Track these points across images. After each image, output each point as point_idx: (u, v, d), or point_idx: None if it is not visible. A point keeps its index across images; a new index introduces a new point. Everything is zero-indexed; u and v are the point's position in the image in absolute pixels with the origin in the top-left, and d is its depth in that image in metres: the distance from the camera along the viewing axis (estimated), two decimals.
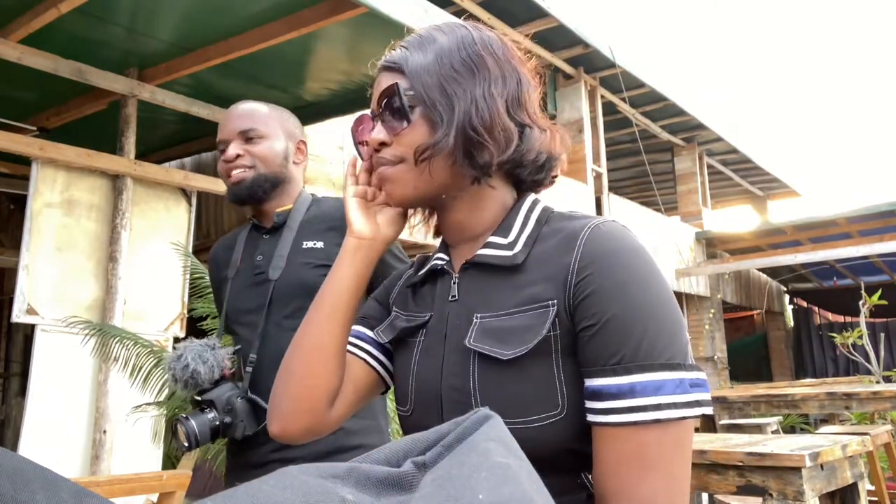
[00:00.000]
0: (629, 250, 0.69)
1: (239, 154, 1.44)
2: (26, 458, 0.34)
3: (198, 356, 1.36)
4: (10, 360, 7.23)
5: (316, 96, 4.10)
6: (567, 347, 0.69)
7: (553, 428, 0.68)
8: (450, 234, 0.84)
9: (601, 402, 0.65)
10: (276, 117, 1.51)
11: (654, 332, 0.65)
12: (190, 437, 1.30)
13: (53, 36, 3.38)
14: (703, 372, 0.67)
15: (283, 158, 1.48)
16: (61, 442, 3.52)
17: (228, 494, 0.37)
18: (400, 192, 0.78)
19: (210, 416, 1.33)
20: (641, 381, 0.64)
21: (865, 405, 4.32)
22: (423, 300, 0.85)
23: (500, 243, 0.77)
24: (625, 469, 0.64)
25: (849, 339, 6.34)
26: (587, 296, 0.68)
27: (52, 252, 3.63)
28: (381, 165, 0.78)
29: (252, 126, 1.46)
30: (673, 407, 0.63)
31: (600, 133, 8.32)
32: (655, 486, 0.63)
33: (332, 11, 3.08)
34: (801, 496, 1.88)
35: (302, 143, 1.55)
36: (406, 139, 0.76)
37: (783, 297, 13.29)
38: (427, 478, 0.41)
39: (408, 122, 0.76)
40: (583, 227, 0.72)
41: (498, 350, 0.70)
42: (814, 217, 9.62)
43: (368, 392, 0.89)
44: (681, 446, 0.65)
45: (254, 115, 1.48)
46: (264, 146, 1.45)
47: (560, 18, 6.86)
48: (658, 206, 10.41)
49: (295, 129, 1.54)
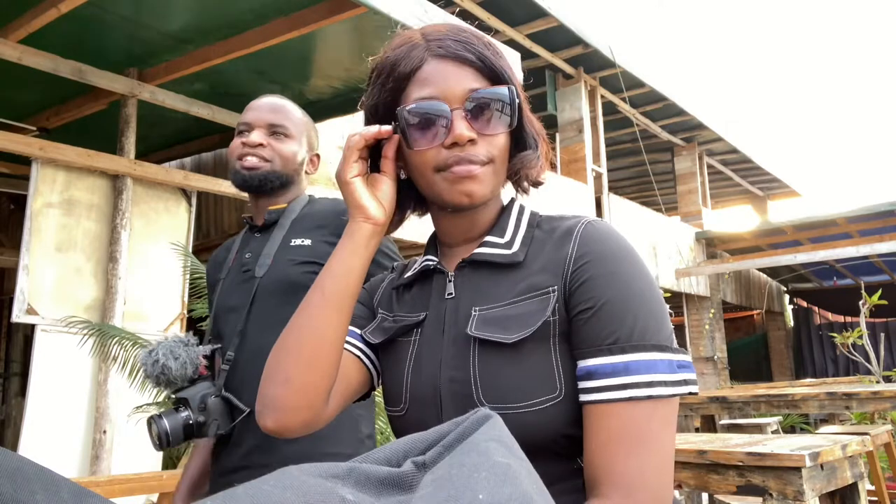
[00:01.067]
0: (620, 244, 0.75)
1: (262, 144, 1.46)
2: (26, 458, 0.34)
3: (169, 352, 1.33)
4: (10, 360, 7.23)
5: (317, 96, 4.10)
6: (563, 333, 0.73)
7: (552, 411, 0.71)
8: (453, 236, 0.85)
9: (596, 381, 0.69)
10: (304, 124, 1.55)
11: (646, 316, 0.70)
12: (161, 436, 1.26)
13: (53, 36, 3.38)
14: (688, 355, 0.72)
15: (299, 164, 1.51)
16: (61, 442, 3.52)
17: (228, 494, 0.37)
18: (481, 191, 0.77)
19: (184, 415, 1.29)
20: (635, 360, 0.68)
21: (865, 405, 4.32)
22: (413, 301, 0.86)
23: (497, 242, 0.80)
24: (615, 446, 0.66)
25: (849, 339, 6.34)
26: (584, 282, 0.72)
27: (52, 252, 3.63)
28: (467, 162, 0.76)
29: (283, 123, 1.49)
30: (664, 385, 0.68)
31: (600, 133, 8.32)
32: (645, 461, 0.66)
33: (332, 11, 3.08)
34: (801, 496, 1.88)
35: (316, 157, 1.59)
36: (500, 142, 0.78)
37: (783, 297, 13.30)
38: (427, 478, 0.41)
39: (510, 128, 0.78)
40: (577, 224, 0.77)
41: (500, 335, 0.73)
42: (814, 217, 9.62)
43: (358, 390, 0.88)
44: (669, 423, 0.68)
45: (288, 114, 1.51)
46: (288, 146, 1.48)
47: (560, 18, 6.86)
48: (658, 205, 10.41)
49: (315, 141, 1.59)
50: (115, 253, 3.81)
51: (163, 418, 1.27)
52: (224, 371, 1.36)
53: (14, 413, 6.78)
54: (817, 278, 12.62)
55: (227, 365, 1.36)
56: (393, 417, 0.84)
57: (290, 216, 1.48)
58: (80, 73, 3.69)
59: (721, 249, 10.95)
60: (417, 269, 0.86)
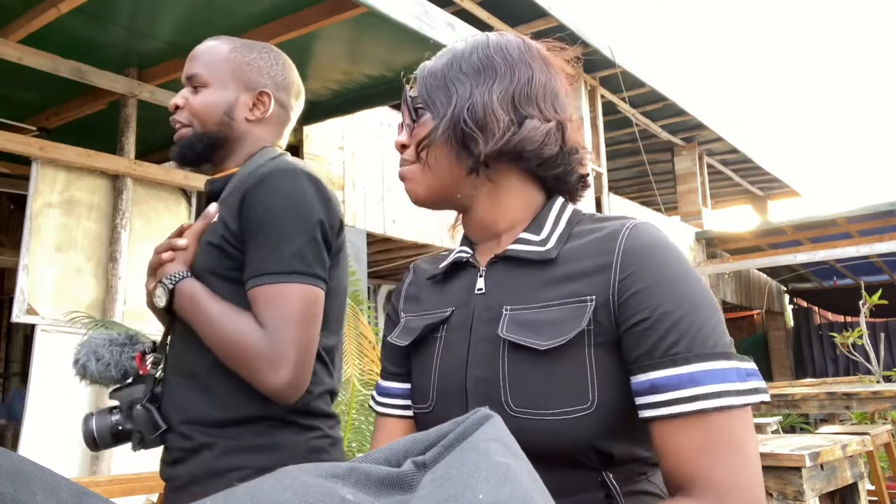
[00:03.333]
0: (669, 247, 0.72)
1: (178, 106, 1.20)
2: (26, 458, 0.34)
3: (91, 353, 1.17)
4: (10, 360, 7.23)
5: (316, 96, 4.10)
6: (601, 344, 0.70)
7: (580, 422, 0.68)
8: (473, 233, 0.85)
9: (661, 395, 0.66)
10: (231, 60, 1.20)
11: (705, 323, 0.67)
12: (87, 439, 1.12)
13: (53, 36, 3.38)
14: (752, 362, 0.68)
15: (222, 114, 1.19)
16: (61, 442, 3.52)
17: (228, 494, 0.37)
18: (414, 189, 0.83)
19: (114, 419, 1.13)
20: (703, 370, 0.65)
21: (865, 405, 4.32)
22: (442, 295, 0.85)
23: (532, 239, 0.78)
24: (696, 456, 0.64)
25: (849, 339, 6.35)
26: (635, 292, 0.69)
27: (52, 252, 3.63)
28: (401, 167, 0.83)
29: (195, 71, 1.20)
30: (736, 394, 0.64)
31: (600, 133, 8.32)
32: (734, 466, 0.63)
33: (332, 11, 3.08)
34: (801, 496, 1.88)
35: (264, 95, 1.21)
36: (416, 140, 0.81)
37: (783, 296, 13.29)
38: (427, 478, 0.41)
39: (415, 123, 0.82)
40: (621, 227, 0.74)
41: (533, 340, 0.71)
42: (814, 217, 9.62)
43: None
44: (748, 430, 0.65)
45: (201, 56, 1.21)
46: (202, 97, 1.19)
47: (560, 18, 6.86)
48: (658, 205, 10.41)
49: (258, 77, 1.21)
50: (115, 253, 3.81)
51: (92, 418, 1.13)
52: (152, 376, 1.17)
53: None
54: (817, 278, 12.61)
55: (154, 369, 1.17)
56: (419, 415, 0.83)
57: (234, 183, 1.16)
58: (80, 73, 3.69)
59: (721, 249, 10.94)
60: (451, 260, 0.86)
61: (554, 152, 0.79)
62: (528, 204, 0.82)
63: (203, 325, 1.07)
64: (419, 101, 0.81)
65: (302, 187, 1.08)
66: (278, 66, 1.25)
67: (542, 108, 0.78)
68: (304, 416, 1.12)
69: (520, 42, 0.82)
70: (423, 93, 0.81)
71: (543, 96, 0.79)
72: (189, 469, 1.09)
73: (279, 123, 1.25)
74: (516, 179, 0.81)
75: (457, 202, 0.83)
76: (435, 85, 0.80)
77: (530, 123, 0.77)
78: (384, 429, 0.89)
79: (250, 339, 1.03)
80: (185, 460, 1.11)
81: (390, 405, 0.89)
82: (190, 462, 1.10)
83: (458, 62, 0.80)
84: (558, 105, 0.80)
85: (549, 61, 0.82)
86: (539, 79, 0.79)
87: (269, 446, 1.09)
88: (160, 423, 1.12)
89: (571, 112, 0.83)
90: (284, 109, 1.26)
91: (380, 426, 0.90)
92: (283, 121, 1.26)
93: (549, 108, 0.79)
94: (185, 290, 1.09)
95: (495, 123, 0.76)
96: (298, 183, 1.09)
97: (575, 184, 0.84)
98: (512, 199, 0.82)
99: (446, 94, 0.78)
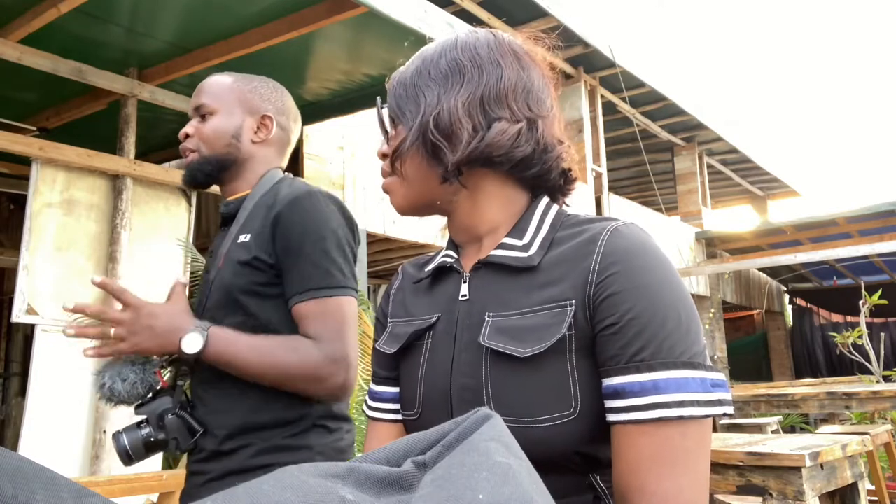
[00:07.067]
0: (649, 252, 0.70)
1: (188, 134, 1.32)
2: (26, 458, 0.34)
3: (116, 375, 1.23)
4: (10, 360, 7.23)
5: (316, 96, 4.10)
6: (582, 349, 0.69)
7: (564, 428, 0.68)
8: (457, 236, 0.85)
9: (623, 401, 0.65)
10: (236, 89, 1.33)
11: (676, 331, 0.66)
12: (122, 455, 1.20)
13: (53, 36, 3.38)
14: (721, 373, 0.67)
15: (230, 137, 1.30)
16: (61, 442, 3.52)
17: (228, 494, 0.37)
18: (395, 200, 0.83)
19: (144, 433, 1.20)
20: (665, 378, 0.64)
21: (865, 405, 4.32)
22: (427, 300, 0.85)
23: (514, 244, 0.77)
24: (647, 466, 0.64)
25: (849, 338, 6.34)
26: (609, 295, 0.68)
27: (52, 252, 3.63)
28: (383, 179, 0.83)
29: (202, 101, 1.32)
30: (696, 405, 0.64)
31: (600, 133, 8.32)
32: (680, 482, 0.63)
33: (331, 11, 3.08)
34: (801, 496, 1.88)
35: (267, 118, 1.34)
36: (398, 153, 0.80)
37: (783, 296, 13.30)
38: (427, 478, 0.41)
39: (388, 134, 0.82)
40: (602, 230, 0.72)
41: (514, 348, 0.70)
42: (814, 217, 9.61)
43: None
44: (703, 444, 0.65)
45: (208, 88, 1.33)
46: (210, 124, 1.31)
47: (560, 18, 6.86)
48: (658, 205, 10.41)
49: (260, 102, 1.35)
50: (115, 253, 3.81)
51: (122, 436, 1.21)
52: (180, 387, 1.25)
53: (14, 413, 6.77)
54: (817, 278, 12.62)
55: (182, 380, 1.26)
56: (407, 421, 0.83)
57: (249, 205, 1.28)
58: (80, 73, 3.68)
59: (721, 249, 10.94)
60: (435, 265, 0.85)
61: (527, 152, 0.76)
62: (509, 206, 0.81)
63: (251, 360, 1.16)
64: (392, 112, 0.81)
65: (330, 208, 1.23)
66: (277, 94, 1.39)
67: (513, 108, 0.76)
68: (332, 420, 1.24)
69: (489, 39, 0.80)
70: (392, 103, 0.81)
71: (514, 95, 0.77)
72: (225, 465, 1.18)
73: (281, 145, 1.38)
74: (493, 183, 0.80)
75: (438, 208, 0.83)
76: (404, 95, 0.79)
77: (497, 127, 0.75)
78: (376, 433, 0.89)
79: (313, 355, 1.14)
80: (220, 458, 1.19)
81: (382, 409, 0.89)
82: (224, 460, 1.19)
83: (426, 68, 0.79)
84: (532, 100, 0.78)
85: (520, 56, 0.79)
86: (508, 77, 0.77)
87: (304, 447, 1.19)
88: (196, 427, 1.22)
89: (551, 103, 0.80)
90: (285, 132, 1.39)
91: (372, 430, 0.90)
92: (285, 143, 1.39)
93: (521, 107, 0.77)
94: (218, 333, 1.17)
95: (461, 131, 0.75)
96: (326, 205, 1.23)
97: (557, 180, 0.83)
98: (491, 202, 0.80)
99: (415, 103, 0.78)
